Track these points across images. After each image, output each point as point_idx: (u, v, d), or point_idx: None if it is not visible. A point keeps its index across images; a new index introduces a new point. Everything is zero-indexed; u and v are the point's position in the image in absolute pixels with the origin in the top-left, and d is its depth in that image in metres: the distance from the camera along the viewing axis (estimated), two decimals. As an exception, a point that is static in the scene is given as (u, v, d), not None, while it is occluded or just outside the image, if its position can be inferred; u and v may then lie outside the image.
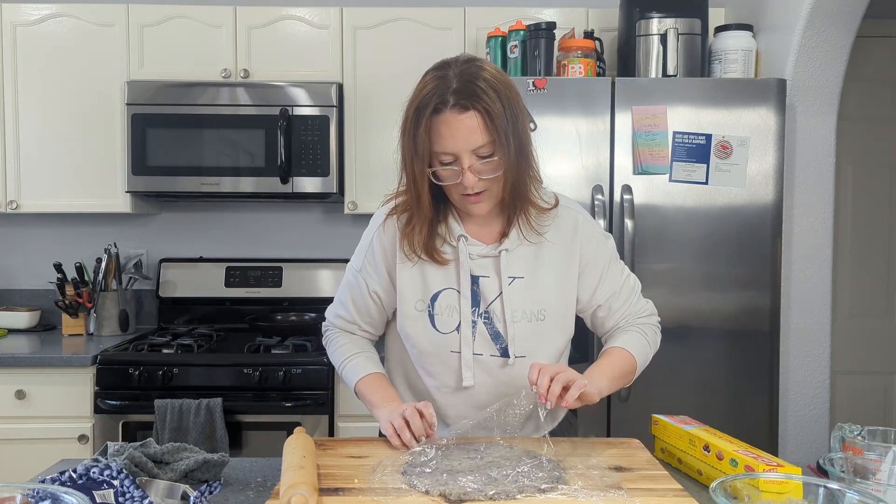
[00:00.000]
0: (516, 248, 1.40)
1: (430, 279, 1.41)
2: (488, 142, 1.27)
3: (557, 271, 1.42)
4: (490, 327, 1.40)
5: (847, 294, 3.37)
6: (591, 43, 2.57)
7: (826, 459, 1.17)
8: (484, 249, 1.40)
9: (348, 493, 1.12)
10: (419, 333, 1.42)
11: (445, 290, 1.40)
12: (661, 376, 2.38)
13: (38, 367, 2.48)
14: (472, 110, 1.26)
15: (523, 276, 1.40)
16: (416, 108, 1.30)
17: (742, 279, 2.38)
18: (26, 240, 3.17)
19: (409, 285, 1.42)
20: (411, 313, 1.42)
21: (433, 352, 1.42)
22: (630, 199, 2.35)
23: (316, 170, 2.73)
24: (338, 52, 2.81)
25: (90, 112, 2.80)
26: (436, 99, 1.27)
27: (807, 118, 2.55)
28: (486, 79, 1.28)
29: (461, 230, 1.40)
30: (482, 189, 1.32)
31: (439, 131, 1.28)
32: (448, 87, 1.27)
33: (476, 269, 1.39)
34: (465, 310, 1.38)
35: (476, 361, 1.40)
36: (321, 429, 2.47)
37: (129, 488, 1.09)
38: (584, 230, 1.44)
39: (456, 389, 1.43)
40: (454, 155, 1.29)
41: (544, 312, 1.40)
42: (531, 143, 1.35)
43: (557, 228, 1.42)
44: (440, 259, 1.39)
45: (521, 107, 1.32)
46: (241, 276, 3.06)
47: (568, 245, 1.42)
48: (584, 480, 1.17)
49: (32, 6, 2.79)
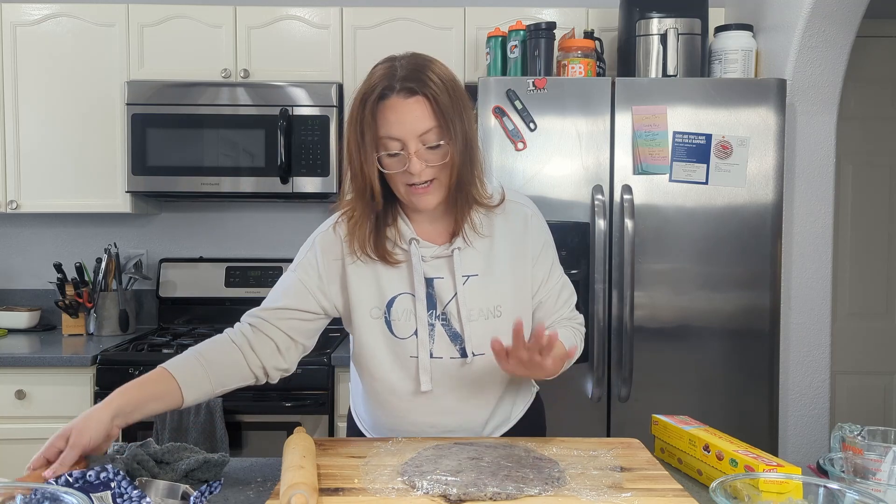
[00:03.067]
0: (468, 246, 1.38)
1: (385, 284, 1.38)
2: (434, 127, 1.26)
3: (512, 266, 1.41)
4: (448, 328, 1.38)
5: (847, 294, 3.37)
6: (591, 43, 2.57)
7: (826, 459, 1.17)
8: (436, 250, 1.37)
9: (348, 493, 1.12)
10: (377, 340, 1.39)
11: (401, 295, 1.37)
12: (661, 376, 2.38)
13: (38, 367, 2.48)
14: (419, 94, 1.25)
15: (477, 273, 1.38)
16: (362, 96, 1.28)
17: (742, 279, 2.38)
18: (26, 240, 3.17)
19: (364, 290, 1.38)
20: (366, 321, 1.38)
21: (392, 358, 1.39)
22: (630, 199, 2.35)
23: (316, 170, 2.73)
24: (338, 52, 2.81)
25: (90, 112, 2.80)
26: (382, 84, 1.26)
27: (807, 118, 2.55)
28: (433, 69, 1.28)
29: (412, 233, 1.37)
30: (429, 178, 1.29)
31: (386, 116, 1.26)
32: (395, 74, 1.27)
33: (430, 272, 1.37)
34: (421, 313, 1.36)
35: (435, 365, 1.38)
36: (321, 429, 2.47)
37: (126, 489, 1.09)
38: (533, 225, 1.44)
39: (415, 394, 1.40)
40: (401, 141, 1.26)
41: (500, 309, 1.39)
42: (478, 141, 1.35)
43: (507, 223, 1.42)
44: (391, 259, 1.36)
45: (468, 103, 1.32)
46: (241, 276, 3.06)
47: (519, 239, 1.42)
48: (584, 480, 1.17)
49: (32, 6, 2.79)
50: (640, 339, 2.38)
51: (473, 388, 1.42)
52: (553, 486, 1.14)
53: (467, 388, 1.41)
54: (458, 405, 1.43)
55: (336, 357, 2.51)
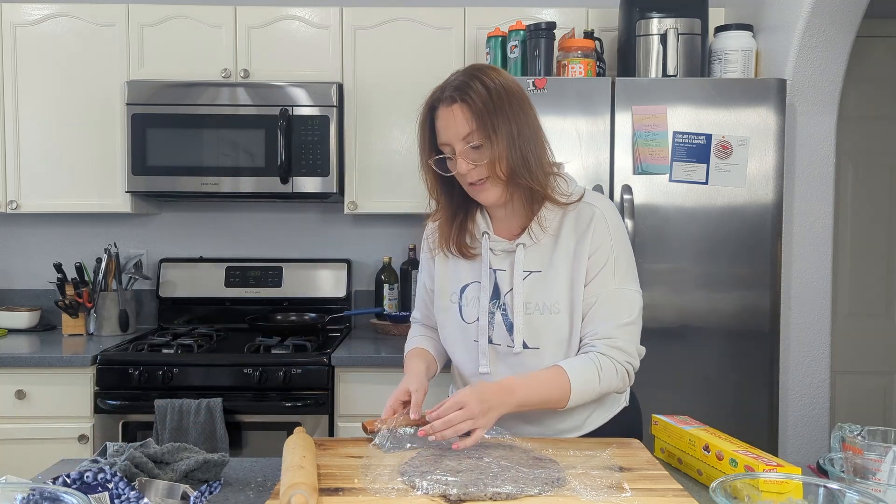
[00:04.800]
0: (535, 243, 1.45)
1: (461, 272, 1.52)
2: (474, 130, 1.36)
3: (571, 264, 1.44)
4: (506, 318, 1.47)
5: (847, 294, 3.37)
6: (591, 43, 2.57)
7: (826, 459, 1.17)
8: (504, 244, 1.48)
9: (348, 493, 1.12)
10: (450, 322, 1.54)
11: (472, 283, 1.50)
12: (662, 376, 2.38)
13: (38, 367, 2.48)
14: (459, 102, 1.37)
15: (540, 269, 1.46)
16: (421, 107, 1.44)
17: (742, 279, 2.38)
18: (26, 240, 3.17)
19: (445, 278, 1.55)
20: (446, 304, 1.55)
21: (460, 339, 1.53)
22: (630, 199, 2.35)
23: (316, 170, 2.73)
24: (338, 52, 2.81)
25: (90, 112, 2.80)
26: (435, 96, 1.42)
27: (807, 118, 2.55)
28: (481, 78, 1.38)
29: (485, 226, 1.49)
30: (480, 177, 1.39)
31: (437, 125, 1.41)
32: (447, 85, 1.41)
33: (495, 263, 1.48)
34: (484, 301, 1.47)
35: (494, 350, 1.49)
36: (321, 429, 2.47)
37: (123, 490, 1.09)
38: (598, 224, 1.44)
39: (476, 375, 1.50)
40: (449, 145, 1.40)
41: (559, 305, 1.44)
42: (541, 140, 1.43)
43: (576, 222, 1.45)
44: (468, 254, 1.51)
45: (522, 106, 1.40)
46: (241, 276, 3.06)
47: (581, 238, 1.44)
48: (584, 480, 1.17)
49: (32, 6, 2.79)
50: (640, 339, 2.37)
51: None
52: (553, 486, 1.14)
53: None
54: None
55: (336, 357, 2.51)
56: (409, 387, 1.43)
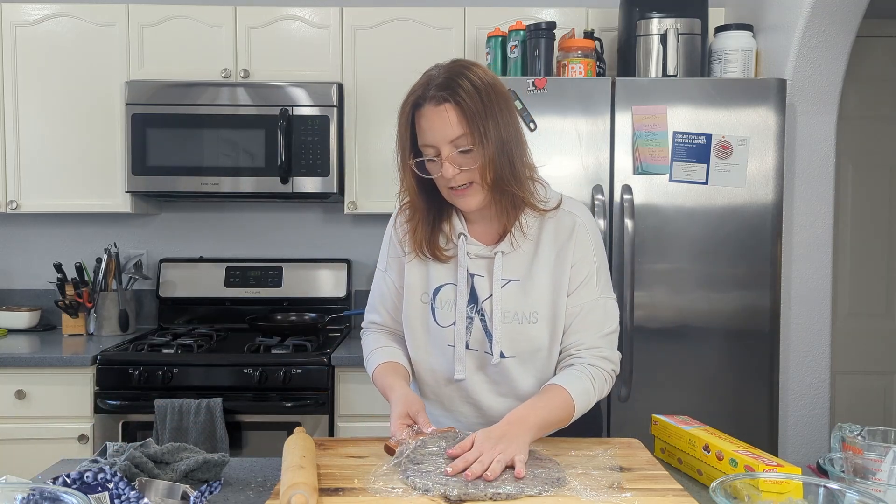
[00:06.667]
0: (513, 251, 1.41)
1: (434, 273, 1.45)
2: (464, 133, 1.30)
3: (552, 273, 1.41)
4: (484, 325, 1.42)
5: (847, 294, 3.37)
6: (591, 43, 2.57)
7: (826, 459, 1.17)
8: (482, 250, 1.42)
9: (348, 493, 1.12)
10: (421, 325, 1.46)
11: (446, 285, 1.44)
12: (661, 376, 2.38)
13: (38, 367, 2.48)
14: (448, 102, 1.29)
15: (519, 278, 1.41)
16: (401, 105, 1.37)
17: (742, 279, 2.38)
18: (26, 240, 3.17)
19: (416, 277, 1.46)
20: (416, 304, 1.46)
21: (432, 343, 1.46)
22: (630, 199, 2.35)
23: (316, 170, 2.73)
24: (338, 52, 2.81)
25: (90, 112, 2.80)
26: (418, 93, 1.33)
27: (807, 118, 2.55)
28: (468, 77, 1.32)
29: (462, 228, 1.43)
30: (465, 182, 1.34)
31: (420, 125, 1.33)
32: (431, 83, 1.33)
33: (472, 268, 1.42)
34: (461, 306, 1.42)
35: (470, 356, 1.44)
36: (321, 429, 2.47)
37: (123, 490, 1.09)
38: (580, 233, 1.42)
39: (450, 381, 1.46)
40: (435, 147, 1.32)
41: (537, 315, 1.40)
42: (524, 143, 1.38)
43: (556, 230, 1.42)
44: (442, 256, 1.44)
45: (509, 107, 1.35)
46: (241, 276, 3.06)
47: (563, 246, 1.42)
48: (584, 480, 1.17)
49: (32, 6, 2.79)
50: (640, 339, 2.38)
51: (508, 386, 1.44)
52: (553, 486, 1.14)
53: (505, 385, 1.44)
54: (495, 400, 1.46)
55: (336, 357, 2.51)
56: (407, 410, 1.33)
